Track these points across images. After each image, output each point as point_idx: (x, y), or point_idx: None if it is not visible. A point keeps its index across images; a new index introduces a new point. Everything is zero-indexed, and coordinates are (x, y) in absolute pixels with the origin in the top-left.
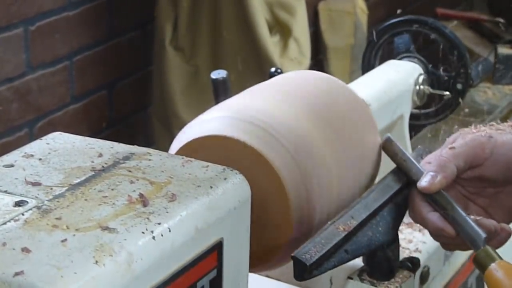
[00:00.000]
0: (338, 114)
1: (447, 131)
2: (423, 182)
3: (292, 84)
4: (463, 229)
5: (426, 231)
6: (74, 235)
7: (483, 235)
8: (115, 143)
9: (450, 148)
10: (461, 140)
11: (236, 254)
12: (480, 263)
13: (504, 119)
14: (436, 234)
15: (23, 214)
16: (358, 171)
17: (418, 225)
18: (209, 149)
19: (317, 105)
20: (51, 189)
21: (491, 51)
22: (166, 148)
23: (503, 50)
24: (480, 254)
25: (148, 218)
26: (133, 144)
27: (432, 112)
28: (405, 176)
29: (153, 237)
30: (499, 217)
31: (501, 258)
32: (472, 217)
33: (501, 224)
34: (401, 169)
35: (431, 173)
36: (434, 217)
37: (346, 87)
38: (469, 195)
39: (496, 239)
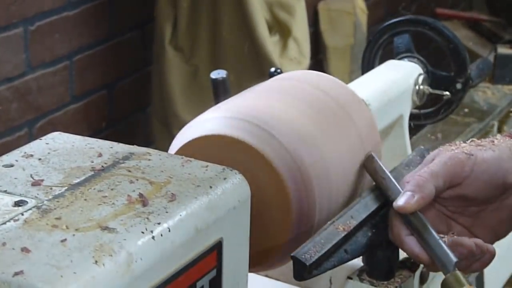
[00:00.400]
0: (339, 114)
1: (447, 131)
2: (400, 201)
3: (292, 84)
4: (435, 253)
5: None
6: (73, 235)
7: (454, 259)
8: (115, 143)
9: (429, 167)
10: (440, 158)
11: (236, 254)
12: None
13: (503, 119)
14: (412, 257)
15: (22, 214)
16: (358, 171)
17: None
18: (209, 149)
19: (317, 105)
20: (51, 189)
21: (491, 51)
22: (165, 148)
23: (502, 50)
24: (449, 278)
25: (147, 218)
26: (132, 144)
27: (432, 112)
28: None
29: (153, 237)
30: (483, 236)
31: (470, 284)
32: (454, 237)
33: (487, 245)
34: (380, 188)
35: (408, 193)
36: (411, 241)
37: (346, 87)
38: (451, 214)
39: (480, 260)
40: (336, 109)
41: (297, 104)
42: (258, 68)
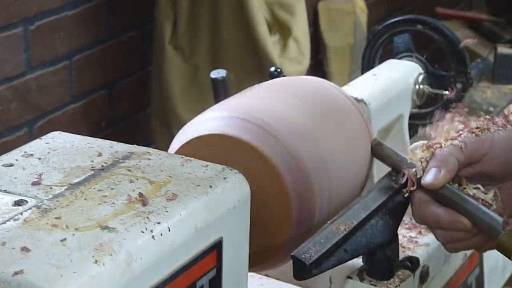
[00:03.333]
0: (337, 116)
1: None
2: (427, 178)
3: (292, 84)
4: (478, 218)
5: (426, 231)
6: (73, 234)
7: (500, 219)
8: (115, 143)
9: (449, 143)
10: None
11: (236, 253)
12: (505, 247)
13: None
14: (451, 228)
15: (22, 214)
16: (356, 171)
17: (418, 224)
18: (209, 148)
19: (317, 106)
20: (51, 188)
21: (491, 50)
22: (165, 148)
23: (502, 49)
24: (502, 238)
25: (147, 218)
26: (132, 144)
27: (432, 111)
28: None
29: (153, 237)
30: (498, 214)
31: None
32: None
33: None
34: (398, 170)
35: (434, 169)
36: (445, 212)
37: (343, 91)
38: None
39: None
40: (335, 111)
41: (296, 104)
42: (258, 68)
